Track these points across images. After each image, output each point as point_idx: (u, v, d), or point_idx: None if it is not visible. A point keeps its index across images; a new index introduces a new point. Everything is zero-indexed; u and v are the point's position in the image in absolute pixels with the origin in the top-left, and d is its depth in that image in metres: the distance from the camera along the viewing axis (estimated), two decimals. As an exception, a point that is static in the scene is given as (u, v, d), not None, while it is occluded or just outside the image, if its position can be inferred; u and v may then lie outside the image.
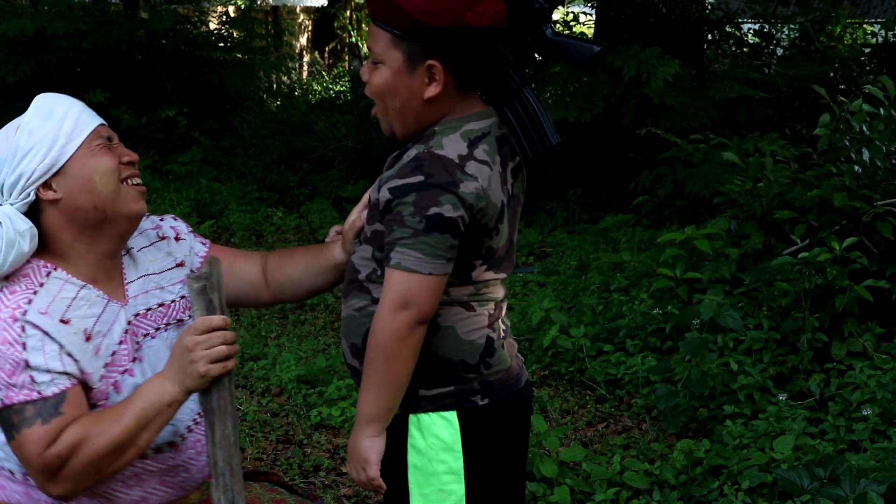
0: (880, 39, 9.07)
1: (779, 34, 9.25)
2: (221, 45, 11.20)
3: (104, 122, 2.18)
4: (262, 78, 12.15)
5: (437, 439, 2.12)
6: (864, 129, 5.07)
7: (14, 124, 2.12)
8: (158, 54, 10.24)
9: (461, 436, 2.13)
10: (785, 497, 3.49)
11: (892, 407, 3.93)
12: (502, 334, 2.22)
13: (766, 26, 9.13)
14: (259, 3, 14.08)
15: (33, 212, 2.10)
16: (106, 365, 2.11)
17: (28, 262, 2.09)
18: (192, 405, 2.23)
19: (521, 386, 2.24)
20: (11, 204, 2.07)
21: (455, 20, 2.01)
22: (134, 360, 2.16)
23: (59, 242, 2.11)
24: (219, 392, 2.05)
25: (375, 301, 2.10)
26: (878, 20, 9.82)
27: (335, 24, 15.85)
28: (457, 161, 2.04)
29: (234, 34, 11.46)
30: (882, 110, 5.21)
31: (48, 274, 2.09)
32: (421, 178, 2.01)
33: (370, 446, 2.08)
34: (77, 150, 2.09)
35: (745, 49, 9.19)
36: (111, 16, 10.53)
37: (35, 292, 2.05)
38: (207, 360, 2.01)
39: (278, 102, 12.60)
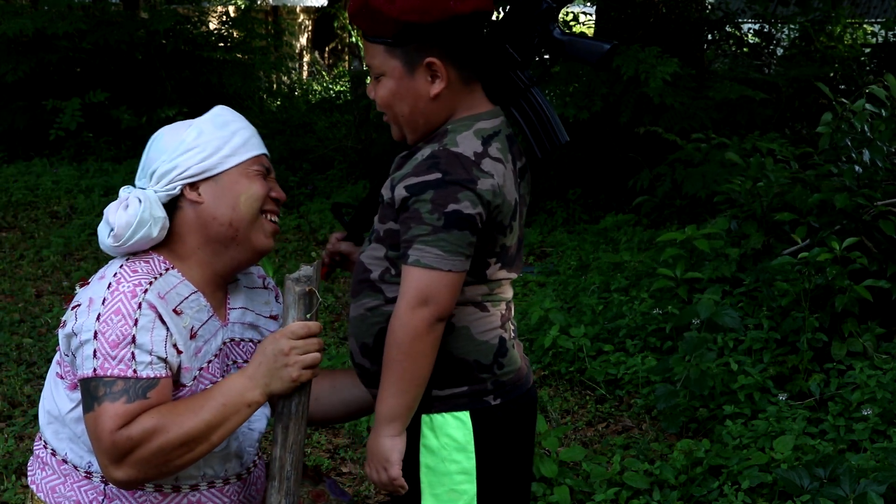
0: (880, 39, 9.08)
1: (779, 34, 9.26)
2: (221, 45, 11.21)
3: (268, 154, 2.23)
4: (262, 78, 12.17)
5: (451, 439, 2.12)
6: (866, 128, 5.07)
7: (188, 122, 2.18)
8: (158, 54, 10.25)
9: (474, 436, 2.13)
10: (785, 497, 3.49)
11: (892, 407, 3.93)
12: (512, 334, 2.23)
13: (766, 26, 9.14)
14: (259, 3, 14.08)
15: (171, 207, 2.13)
16: (200, 369, 2.11)
17: (148, 252, 2.13)
18: (258, 437, 2.23)
19: (529, 386, 2.26)
20: (155, 191, 2.11)
21: (440, 12, 2.02)
22: (222, 376, 2.17)
23: (183, 243, 2.14)
24: (300, 397, 2.04)
25: (388, 301, 2.10)
26: (878, 20, 9.82)
27: (335, 24, 15.86)
28: (473, 158, 2.05)
29: (234, 34, 11.47)
30: (884, 111, 5.21)
31: (167, 269, 2.11)
32: (438, 175, 2.02)
33: (392, 446, 2.07)
34: (235, 166, 2.14)
35: (745, 49, 9.19)
36: (111, 16, 10.55)
37: (156, 278, 2.07)
38: (301, 366, 2.02)
39: (278, 102, 12.60)
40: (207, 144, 2.13)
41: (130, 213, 2.07)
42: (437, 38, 2.06)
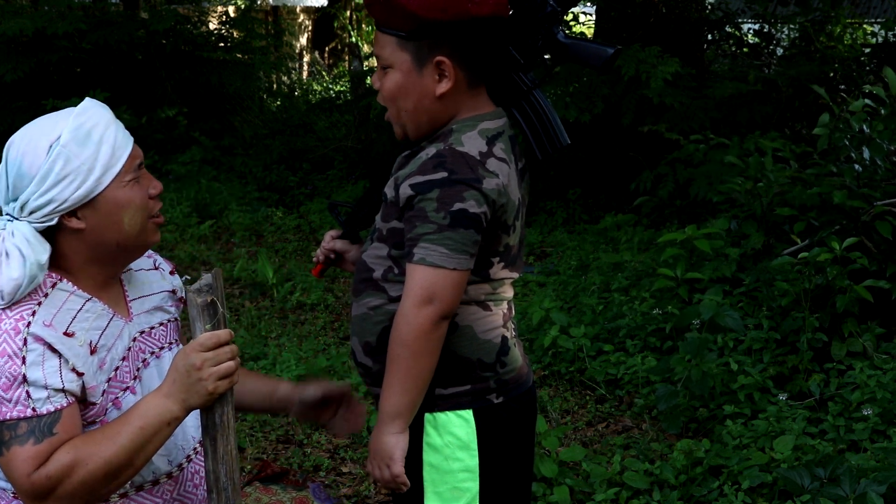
0: (880, 39, 9.07)
1: (779, 34, 9.25)
2: (221, 45, 11.20)
3: (134, 142, 2.08)
4: (262, 78, 12.16)
5: (454, 437, 2.14)
6: (865, 128, 5.07)
7: (47, 136, 1.98)
8: (158, 54, 10.25)
9: (477, 434, 2.14)
10: (785, 497, 3.50)
11: (892, 407, 3.93)
12: (513, 333, 2.24)
13: (766, 26, 9.13)
14: (259, 3, 14.08)
15: (50, 231, 2.00)
16: (109, 380, 2.04)
17: None
18: (193, 432, 2.19)
19: (529, 384, 2.27)
20: (30, 222, 1.98)
21: (458, 12, 2.02)
22: (135, 378, 2.10)
23: (69, 261, 2.04)
24: (222, 408, 1.99)
25: (392, 300, 2.11)
26: (878, 20, 9.81)
27: (335, 24, 15.86)
28: (478, 158, 2.06)
29: (234, 34, 11.46)
30: (883, 110, 5.21)
31: (53, 285, 2.01)
32: (444, 174, 2.03)
33: (395, 443, 2.08)
34: (111, 181, 2.00)
35: (745, 49, 9.19)
36: (111, 16, 10.53)
37: (39, 303, 1.97)
38: (216, 378, 1.94)
39: (278, 102, 12.60)
40: (78, 170, 1.96)
41: (16, 273, 1.93)
42: (450, 37, 2.06)
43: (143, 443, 1.94)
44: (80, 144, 1.97)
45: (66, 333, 1.98)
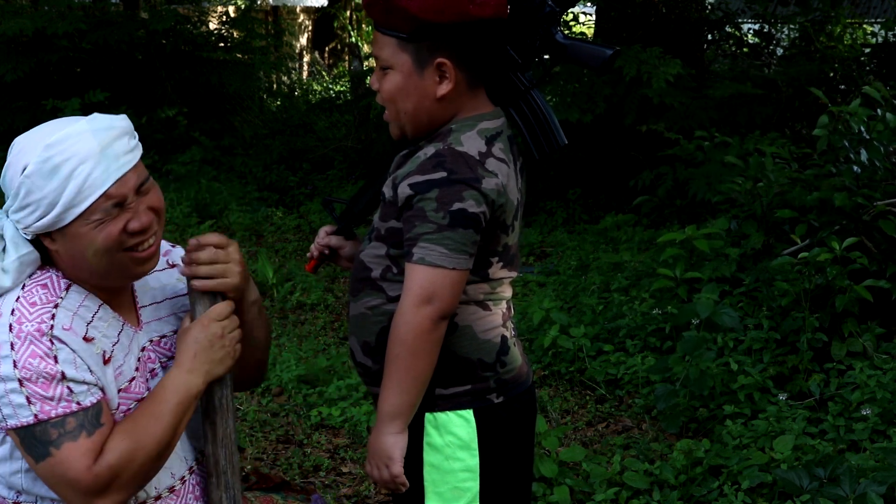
0: (880, 39, 9.07)
1: (779, 34, 9.26)
2: (221, 45, 11.21)
3: (122, 176, 1.92)
4: (262, 78, 12.16)
5: (455, 437, 2.14)
6: (863, 129, 5.07)
7: (27, 155, 1.92)
8: (158, 54, 10.25)
9: (477, 434, 2.14)
10: (785, 497, 3.49)
11: (892, 407, 3.93)
12: (513, 333, 2.24)
13: (766, 26, 9.14)
14: (259, 3, 14.08)
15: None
16: (120, 390, 2.01)
17: (45, 270, 1.98)
18: (195, 443, 2.16)
19: (529, 384, 2.27)
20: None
21: (458, 14, 2.02)
22: (147, 389, 2.06)
23: (69, 270, 1.99)
24: (221, 390, 2.03)
25: (390, 299, 2.11)
26: (878, 20, 9.81)
27: (335, 24, 15.87)
28: (477, 158, 2.06)
29: (234, 34, 11.48)
30: (879, 111, 5.21)
31: (68, 287, 1.98)
32: (444, 173, 2.03)
33: (394, 443, 2.09)
34: (75, 218, 1.90)
35: (745, 49, 9.20)
36: (111, 16, 10.54)
37: (56, 305, 1.94)
38: (234, 344, 2.01)
39: (278, 102, 12.60)
40: (40, 202, 1.89)
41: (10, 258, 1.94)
42: (451, 39, 2.06)
43: (181, 419, 1.96)
44: (45, 178, 1.89)
45: (85, 338, 1.95)
